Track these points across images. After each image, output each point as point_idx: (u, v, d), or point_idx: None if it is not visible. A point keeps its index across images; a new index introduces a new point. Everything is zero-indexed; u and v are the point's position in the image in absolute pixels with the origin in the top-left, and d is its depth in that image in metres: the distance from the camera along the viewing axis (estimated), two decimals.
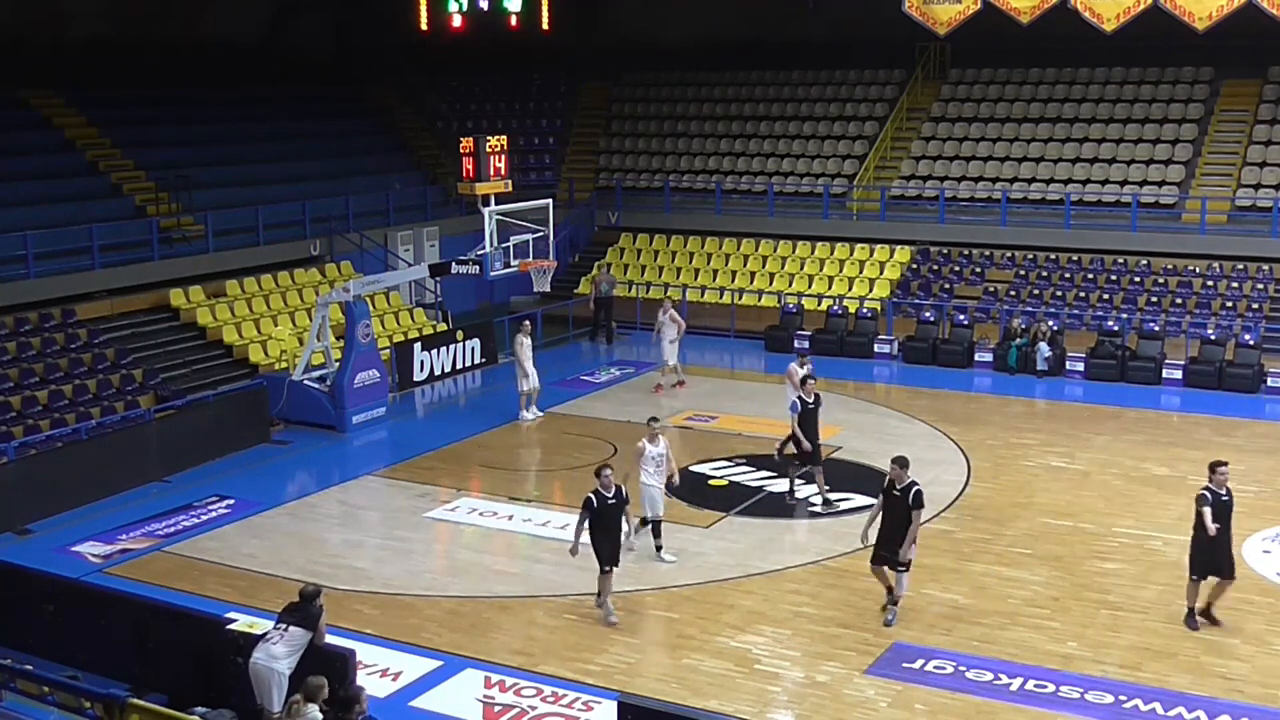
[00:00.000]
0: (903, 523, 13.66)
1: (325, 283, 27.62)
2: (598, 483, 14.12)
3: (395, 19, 32.68)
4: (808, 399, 17.75)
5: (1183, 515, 17.27)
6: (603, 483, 14.09)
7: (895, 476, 13.75)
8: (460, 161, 22.48)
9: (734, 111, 36.04)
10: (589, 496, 14.10)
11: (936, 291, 29.01)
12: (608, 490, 14.08)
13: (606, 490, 14.08)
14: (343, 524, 18.02)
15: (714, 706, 12.28)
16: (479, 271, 22.49)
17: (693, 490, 18.65)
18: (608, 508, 14.08)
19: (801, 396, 17.82)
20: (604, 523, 14.10)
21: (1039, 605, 14.52)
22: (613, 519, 14.17)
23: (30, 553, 16.13)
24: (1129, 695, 12.36)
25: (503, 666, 13.22)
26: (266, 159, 31.81)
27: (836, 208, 32.28)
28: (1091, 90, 32.40)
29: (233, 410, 21.66)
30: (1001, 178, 31.25)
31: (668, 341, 24.32)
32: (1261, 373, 24.03)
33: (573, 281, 32.40)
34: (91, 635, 12.68)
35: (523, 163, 34.57)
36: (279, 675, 10.92)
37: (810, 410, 17.71)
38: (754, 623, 14.17)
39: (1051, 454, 20.32)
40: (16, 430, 20.08)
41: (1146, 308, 27.19)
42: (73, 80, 29.57)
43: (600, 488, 14.08)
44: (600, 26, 37.09)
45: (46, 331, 23.07)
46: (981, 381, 25.39)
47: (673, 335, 24.33)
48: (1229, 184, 29.16)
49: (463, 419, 23.62)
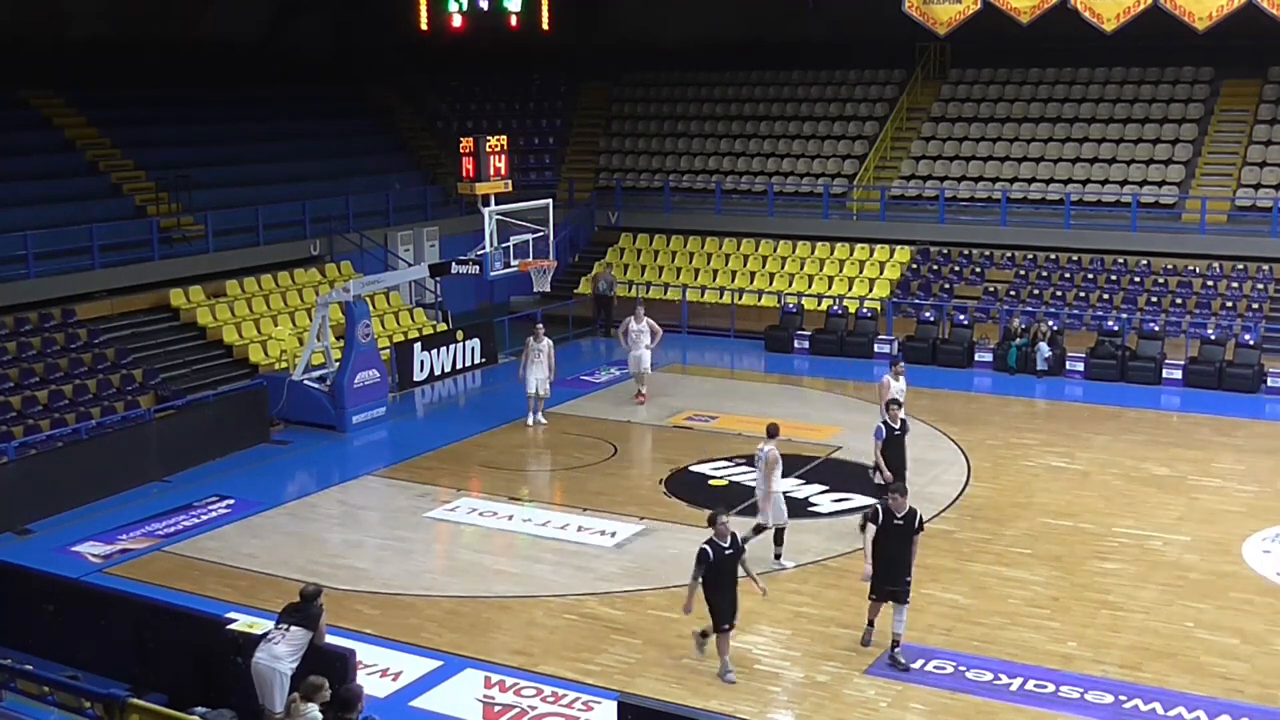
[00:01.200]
0: (906, 551, 12.98)
1: (325, 283, 27.62)
2: (712, 531, 12.72)
3: (395, 19, 32.67)
4: (893, 425, 16.44)
5: (1183, 515, 17.35)
6: (719, 531, 12.68)
7: (895, 505, 12.97)
8: (460, 161, 22.46)
9: (734, 111, 36.04)
10: (704, 548, 12.61)
11: (936, 291, 29.02)
12: (724, 539, 12.66)
13: (723, 539, 12.66)
14: (343, 524, 18.02)
15: (714, 706, 12.28)
16: (479, 271, 22.48)
17: (693, 490, 18.69)
18: (725, 559, 12.62)
19: (887, 421, 16.50)
20: (721, 576, 12.67)
21: (1039, 605, 14.52)
22: (730, 571, 12.73)
23: (30, 553, 16.12)
24: (1129, 695, 12.36)
25: (503, 666, 13.21)
26: (266, 159, 31.81)
27: (836, 208, 32.28)
28: (1091, 90, 32.40)
29: (233, 410, 21.66)
30: (1001, 178, 31.25)
31: (644, 348, 23.27)
32: (1261, 373, 24.04)
33: (573, 281, 32.40)
34: (91, 635, 12.68)
35: (523, 163, 34.57)
36: (281, 675, 10.92)
37: (897, 437, 16.43)
38: (754, 623, 14.16)
39: (1051, 454, 20.32)
40: (16, 430, 20.08)
41: (1146, 308, 27.19)
42: (73, 80, 29.56)
43: (716, 537, 12.66)
44: (600, 26, 37.09)
45: (46, 331, 23.07)
46: (981, 381, 25.40)
47: (648, 341, 23.32)
48: (1229, 184, 29.16)
49: (463, 419, 23.62)
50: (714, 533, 12.70)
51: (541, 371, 21.98)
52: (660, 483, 19.20)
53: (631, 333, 23.36)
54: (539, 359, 21.97)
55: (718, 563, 12.57)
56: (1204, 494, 18.26)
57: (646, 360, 23.46)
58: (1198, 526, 16.89)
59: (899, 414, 16.54)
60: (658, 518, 17.56)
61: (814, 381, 25.99)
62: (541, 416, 22.35)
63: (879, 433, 16.45)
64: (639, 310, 23.73)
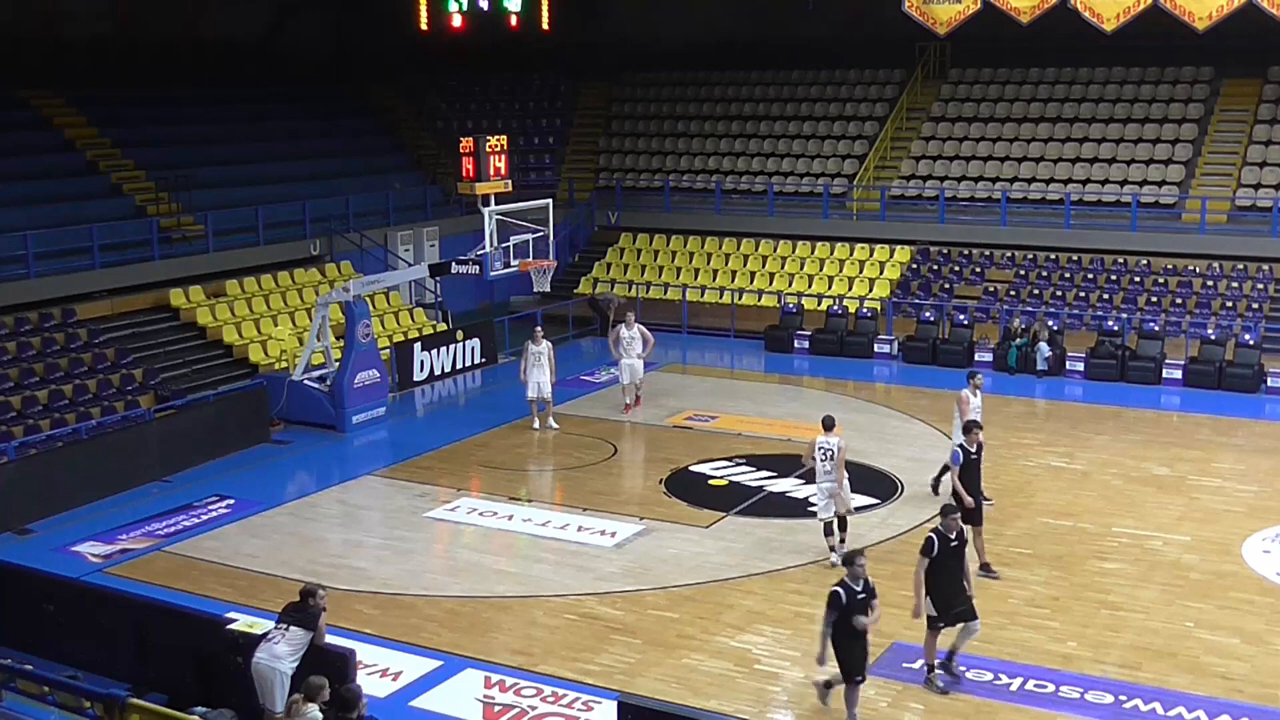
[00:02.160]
0: (962, 568, 12.43)
1: (325, 283, 27.62)
2: (847, 573, 11.66)
3: (395, 19, 32.70)
4: (970, 449, 15.28)
5: (1183, 515, 17.35)
6: (853, 573, 11.55)
7: (949, 527, 12.30)
8: (460, 161, 22.46)
9: (734, 111, 36.04)
10: (837, 591, 11.49)
11: (936, 291, 29.01)
12: (856, 582, 11.53)
13: (855, 582, 11.52)
14: (343, 524, 18.02)
15: (714, 706, 12.28)
16: (479, 271, 22.49)
17: (693, 490, 18.69)
18: (856, 603, 11.50)
19: (964, 445, 15.38)
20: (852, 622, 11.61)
21: (1039, 605, 14.52)
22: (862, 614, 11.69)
23: (30, 553, 16.11)
24: (1129, 695, 12.36)
25: (503, 666, 13.21)
26: (266, 159, 31.80)
27: (836, 208, 32.27)
28: (1091, 90, 32.39)
29: (233, 410, 21.66)
30: (1001, 178, 31.25)
31: (635, 356, 22.64)
32: (1261, 373, 24.03)
33: (572, 281, 32.40)
34: (91, 635, 12.68)
35: (523, 163, 34.57)
36: (281, 675, 10.93)
37: (973, 461, 15.26)
38: (754, 623, 14.17)
39: (1051, 454, 20.32)
40: (16, 430, 20.08)
41: (1146, 308, 27.18)
42: (73, 80, 29.58)
43: (849, 579, 11.55)
44: (600, 26, 37.08)
45: (46, 331, 23.07)
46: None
47: (640, 350, 22.67)
48: (1229, 184, 29.16)
49: (463, 419, 23.63)
50: (848, 574, 11.60)
51: (542, 374, 21.71)
52: (660, 483, 19.20)
53: (623, 340, 22.60)
54: (539, 362, 21.69)
55: (849, 606, 11.41)
56: (1204, 494, 18.25)
57: (640, 369, 22.89)
58: (1198, 526, 16.89)
59: (979, 436, 15.38)
60: (658, 518, 17.56)
61: (814, 381, 25.99)
62: (553, 422, 22.05)
63: (955, 457, 15.25)
64: (630, 317, 23.04)
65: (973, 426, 15.49)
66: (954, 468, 15.19)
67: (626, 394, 23.04)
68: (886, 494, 18.41)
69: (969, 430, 15.45)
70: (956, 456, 15.24)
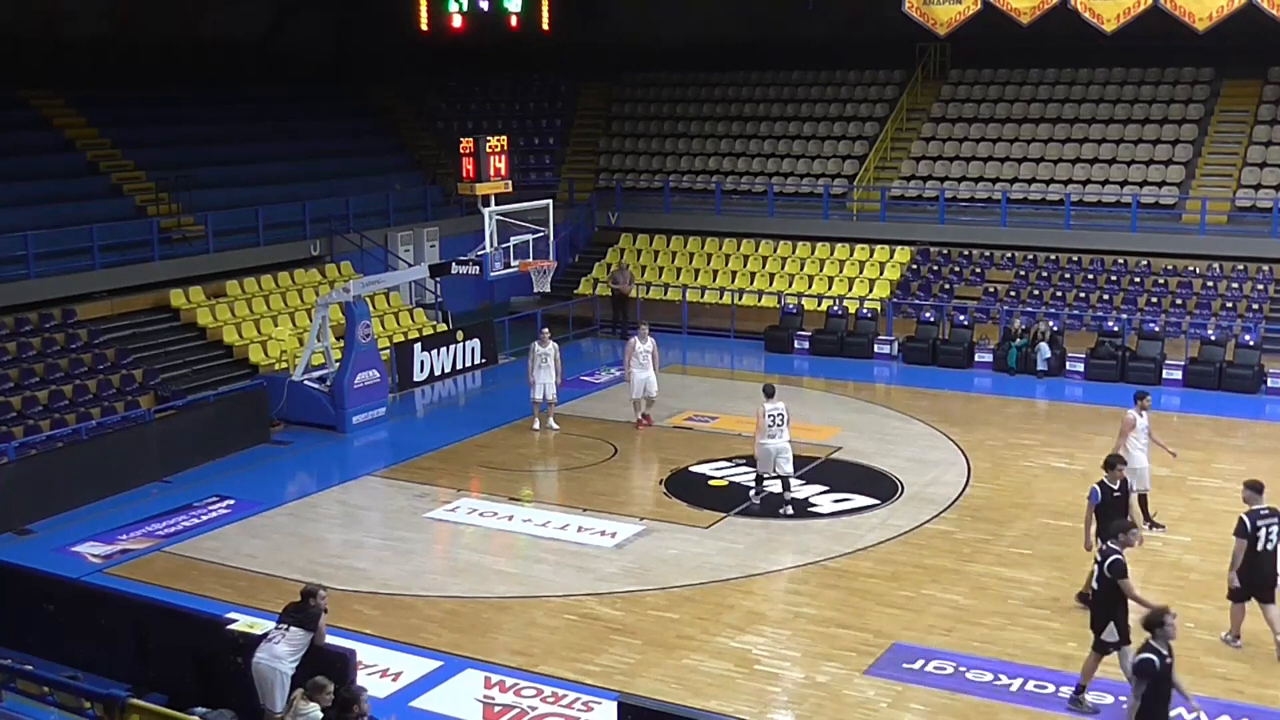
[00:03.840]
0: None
1: (325, 283, 27.62)
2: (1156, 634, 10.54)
3: (395, 19, 32.69)
4: (1113, 485, 13.97)
5: (1183, 515, 17.34)
6: (1164, 633, 10.52)
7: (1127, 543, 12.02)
8: (460, 162, 22.47)
9: (734, 111, 36.04)
10: (1149, 659, 10.46)
11: (936, 292, 29.01)
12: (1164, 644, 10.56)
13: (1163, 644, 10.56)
14: (343, 524, 18.02)
15: (714, 706, 12.28)
16: (479, 272, 22.48)
17: (693, 490, 18.69)
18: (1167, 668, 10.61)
19: (1105, 482, 14.00)
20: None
21: (1039, 605, 14.52)
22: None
23: (30, 553, 16.11)
24: (1129, 695, 12.32)
25: (503, 667, 13.21)
26: (266, 159, 31.80)
27: (836, 208, 32.27)
28: (1091, 90, 32.39)
29: (233, 410, 21.66)
30: (1001, 178, 31.25)
31: (651, 370, 21.87)
32: (1261, 373, 24.03)
33: (573, 282, 32.39)
34: (91, 635, 12.67)
35: (523, 163, 34.57)
36: (282, 675, 10.93)
37: (1116, 499, 13.94)
38: (754, 623, 14.17)
39: (1051, 454, 20.32)
40: (16, 430, 20.08)
41: (1146, 308, 27.18)
42: (73, 80, 29.58)
43: (1155, 640, 10.52)
44: (600, 26, 37.07)
45: (46, 331, 23.07)
46: (981, 382, 25.39)
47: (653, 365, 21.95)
48: (1229, 184, 29.16)
49: (463, 419, 23.63)
50: (1155, 636, 10.55)
51: (549, 376, 21.64)
52: (660, 483, 19.21)
53: (639, 354, 21.83)
54: (546, 363, 21.60)
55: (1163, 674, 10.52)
56: (1204, 494, 18.25)
57: (654, 383, 22.01)
58: (1198, 526, 16.88)
59: (1122, 473, 14.12)
60: (658, 518, 17.56)
61: (814, 382, 25.98)
62: (554, 422, 22.01)
63: (1094, 495, 13.89)
64: (643, 329, 22.50)
65: (1116, 462, 14.18)
66: (1090, 504, 13.89)
67: (637, 409, 22.19)
68: (886, 495, 18.39)
69: (1111, 466, 14.10)
70: (1094, 495, 13.88)
